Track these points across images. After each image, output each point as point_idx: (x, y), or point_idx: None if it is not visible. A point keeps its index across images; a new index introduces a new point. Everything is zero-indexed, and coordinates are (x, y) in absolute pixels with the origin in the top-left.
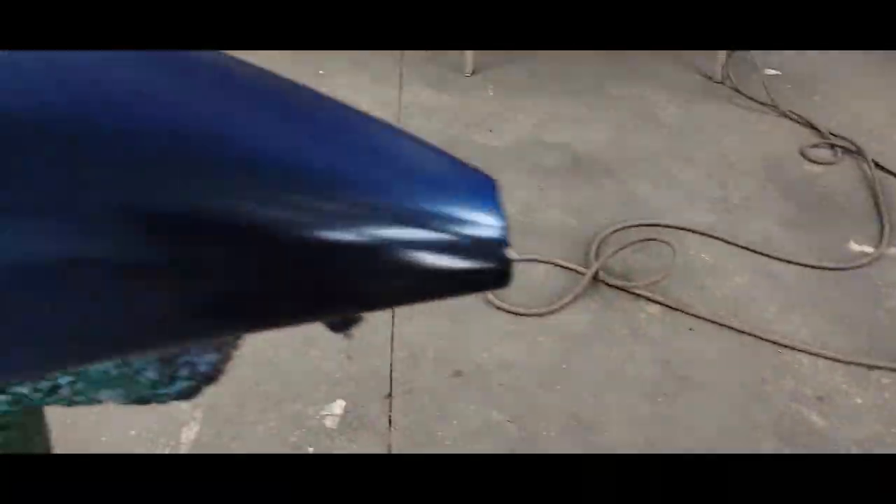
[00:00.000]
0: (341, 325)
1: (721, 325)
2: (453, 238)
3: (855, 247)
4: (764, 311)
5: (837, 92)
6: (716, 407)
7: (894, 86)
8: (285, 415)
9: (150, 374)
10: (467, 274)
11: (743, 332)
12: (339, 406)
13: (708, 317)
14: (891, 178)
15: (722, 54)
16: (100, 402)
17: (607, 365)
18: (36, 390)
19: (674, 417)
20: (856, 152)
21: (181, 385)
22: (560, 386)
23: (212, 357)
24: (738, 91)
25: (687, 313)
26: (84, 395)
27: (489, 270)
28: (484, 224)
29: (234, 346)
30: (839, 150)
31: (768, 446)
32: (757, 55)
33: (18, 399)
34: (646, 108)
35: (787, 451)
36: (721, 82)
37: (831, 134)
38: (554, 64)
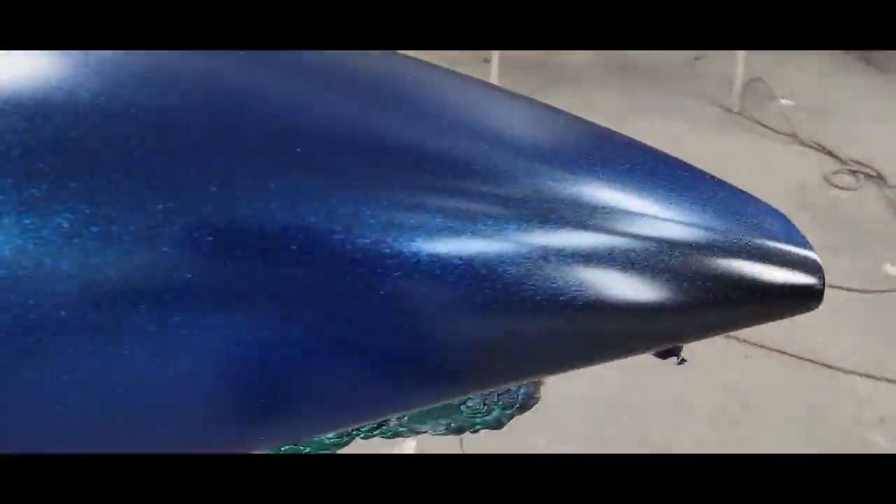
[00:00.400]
0: (667, 351)
1: (774, 350)
2: (783, 264)
3: (891, 269)
4: (814, 336)
5: (851, 119)
6: (781, 431)
7: None
8: (356, 452)
9: (472, 404)
10: (793, 293)
11: (798, 358)
12: (409, 444)
13: (760, 343)
14: None
15: (738, 85)
16: (421, 433)
17: (670, 393)
18: (364, 424)
19: (742, 442)
20: (876, 177)
21: (497, 414)
22: (625, 416)
23: (529, 387)
24: (755, 121)
25: (740, 340)
26: (407, 428)
27: (810, 289)
28: (798, 246)
29: None
30: (861, 175)
31: None
32: (771, 85)
33: (345, 433)
34: (668, 139)
35: None
36: (739, 113)
37: (851, 160)
38: (576, 97)
